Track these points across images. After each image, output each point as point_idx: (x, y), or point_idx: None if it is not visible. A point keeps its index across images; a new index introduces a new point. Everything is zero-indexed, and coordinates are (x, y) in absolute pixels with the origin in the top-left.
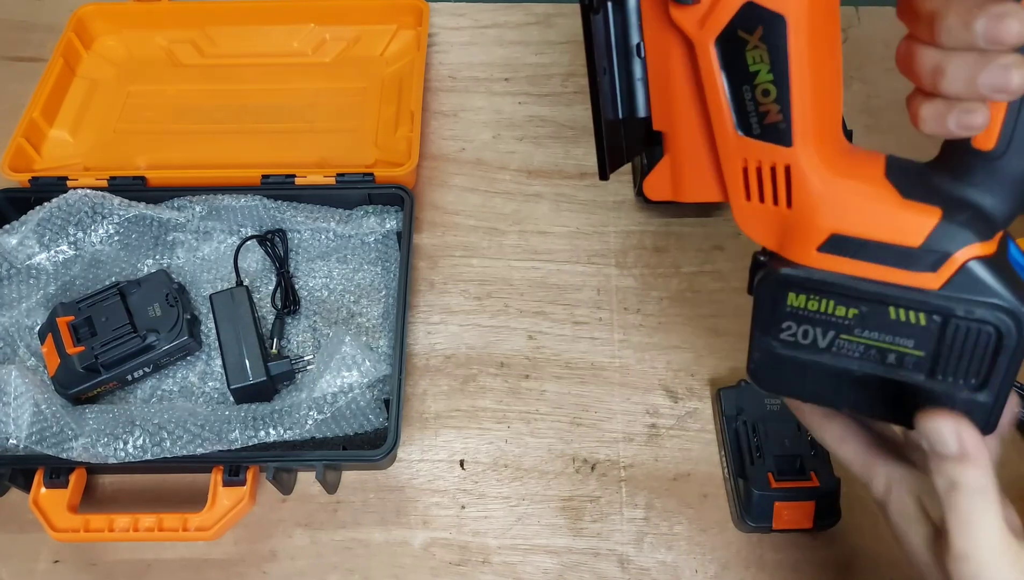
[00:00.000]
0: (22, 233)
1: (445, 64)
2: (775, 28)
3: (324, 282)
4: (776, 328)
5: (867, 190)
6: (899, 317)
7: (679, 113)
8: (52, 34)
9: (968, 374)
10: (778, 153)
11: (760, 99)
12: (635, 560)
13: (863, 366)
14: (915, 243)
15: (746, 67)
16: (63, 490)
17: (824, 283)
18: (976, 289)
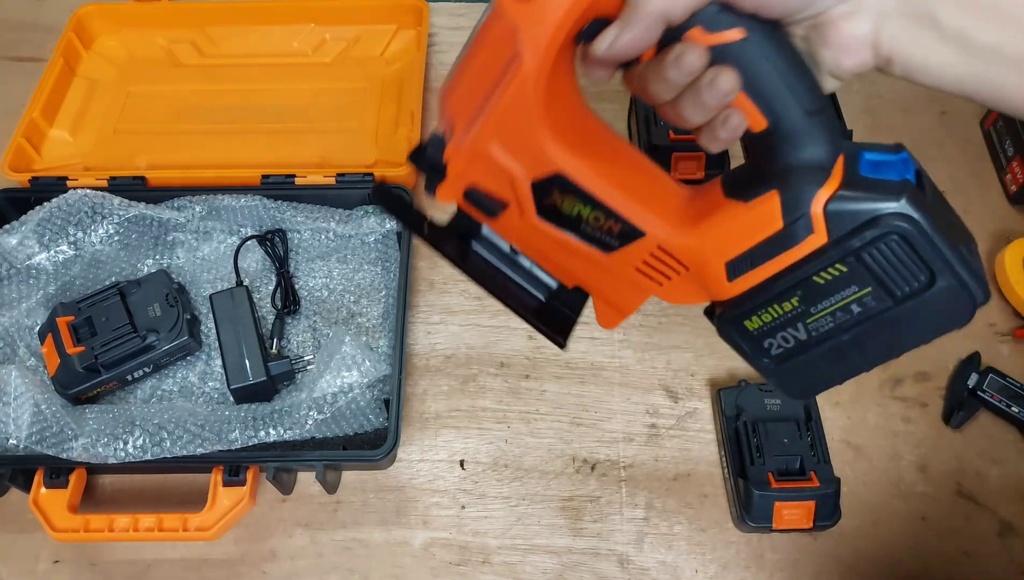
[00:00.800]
0: (22, 233)
1: (445, 64)
2: (563, 182)
3: (324, 282)
4: (763, 352)
5: (719, 218)
6: (826, 279)
7: (570, 268)
8: (52, 34)
9: (918, 277)
10: (643, 245)
11: (598, 225)
12: (635, 560)
13: (844, 329)
14: (779, 226)
15: (571, 216)
16: (63, 490)
17: (753, 299)
18: (853, 219)
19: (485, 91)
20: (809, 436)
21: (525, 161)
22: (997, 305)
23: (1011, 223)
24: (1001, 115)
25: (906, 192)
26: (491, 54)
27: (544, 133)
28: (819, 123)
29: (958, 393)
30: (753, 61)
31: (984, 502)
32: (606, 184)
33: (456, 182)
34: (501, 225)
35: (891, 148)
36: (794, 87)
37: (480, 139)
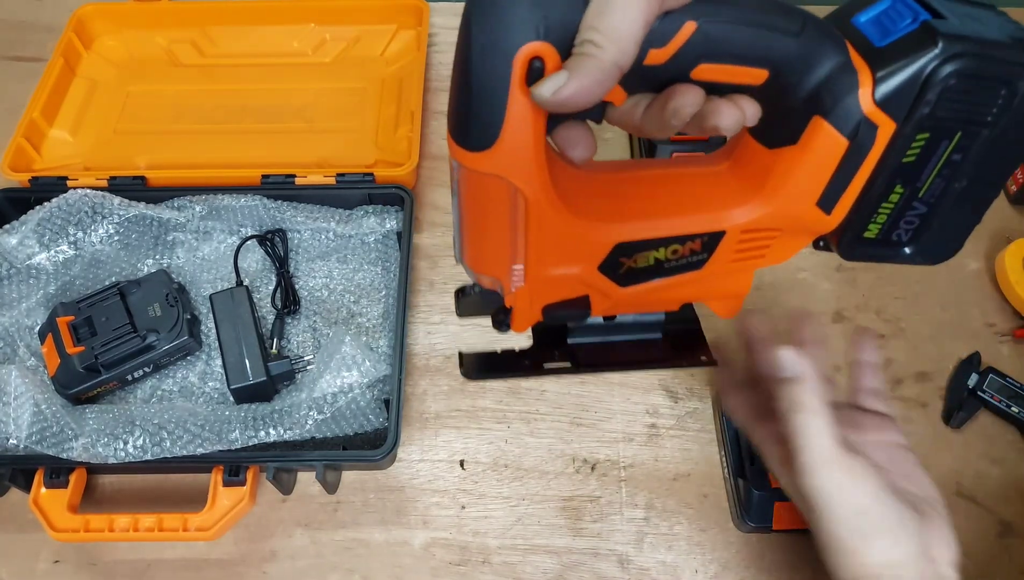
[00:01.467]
0: (22, 233)
1: (445, 64)
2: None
3: (324, 282)
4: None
5: (781, 172)
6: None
7: (671, 298)
8: (52, 34)
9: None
10: (729, 241)
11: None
12: (635, 560)
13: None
14: (845, 144)
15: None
16: (63, 490)
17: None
18: (908, 92)
19: (508, 236)
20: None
21: (581, 260)
22: (997, 305)
23: (1011, 223)
24: None
25: (933, 32)
26: (489, 208)
27: (581, 226)
28: (811, 36)
29: (958, 393)
30: (717, 38)
31: (984, 502)
32: (659, 220)
33: (528, 312)
34: (592, 311)
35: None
36: (771, 22)
37: (532, 274)
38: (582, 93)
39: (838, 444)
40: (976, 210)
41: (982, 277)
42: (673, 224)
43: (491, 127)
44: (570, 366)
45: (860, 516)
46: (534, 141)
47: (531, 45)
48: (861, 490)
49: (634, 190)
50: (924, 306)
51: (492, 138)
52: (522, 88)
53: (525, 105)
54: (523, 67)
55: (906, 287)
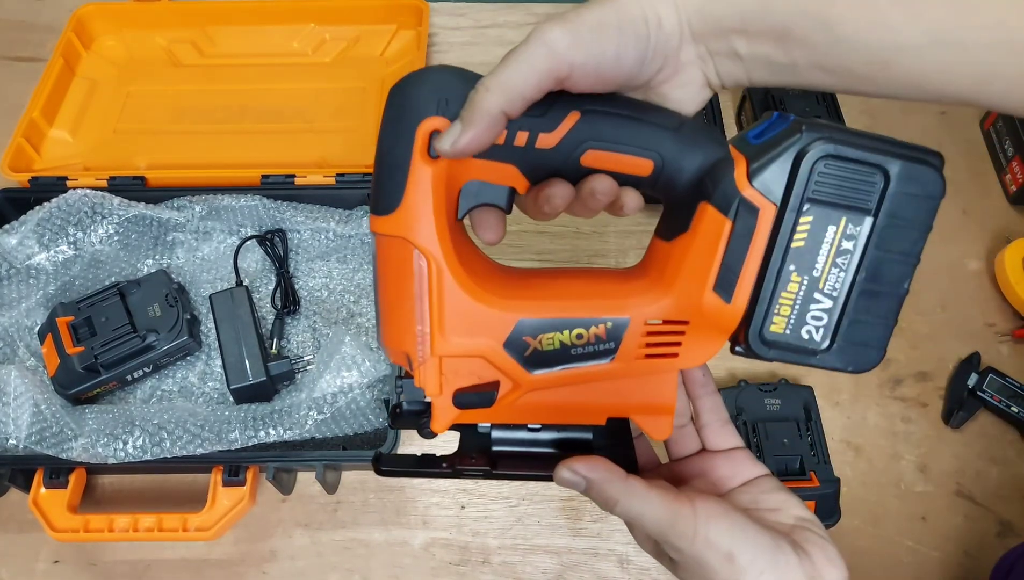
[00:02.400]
0: (22, 233)
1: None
2: (529, 326)
3: (324, 282)
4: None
5: (676, 259)
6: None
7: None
8: (52, 34)
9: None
10: (635, 331)
11: (582, 341)
12: (635, 560)
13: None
14: (729, 224)
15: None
16: (63, 490)
17: (760, 301)
18: (781, 174)
19: (412, 305)
20: (809, 436)
21: (485, 334)
22: (997, 305)
23: (1011, 223)
24: (1001, 115)
25: (802, 125)
26: (396, 274)
27: (485, 298)
28: (691, 129)
29: (958, 393)
30: (603, 126)
31: (984, 502)
32: (561, 301)
33: (442, 401)
34: (505, 409)
35: (761, 119)
36: (650, 119)
37: (438, 342)
38: (475, 140)
39: (671, 500)
40: (888, 312)
41: (982, 277)
42: (575, 306)
43: (396, 191)
44: (487, 471)
45: (730, 563)
46: (435, 204)
47: (431, 120)
48: (718, 533)
49: (541, 276)
50: (924, 306)
51: (396, 201)
52: (423, 156)
53: (426, 172)
54: (424, 139)
55: None
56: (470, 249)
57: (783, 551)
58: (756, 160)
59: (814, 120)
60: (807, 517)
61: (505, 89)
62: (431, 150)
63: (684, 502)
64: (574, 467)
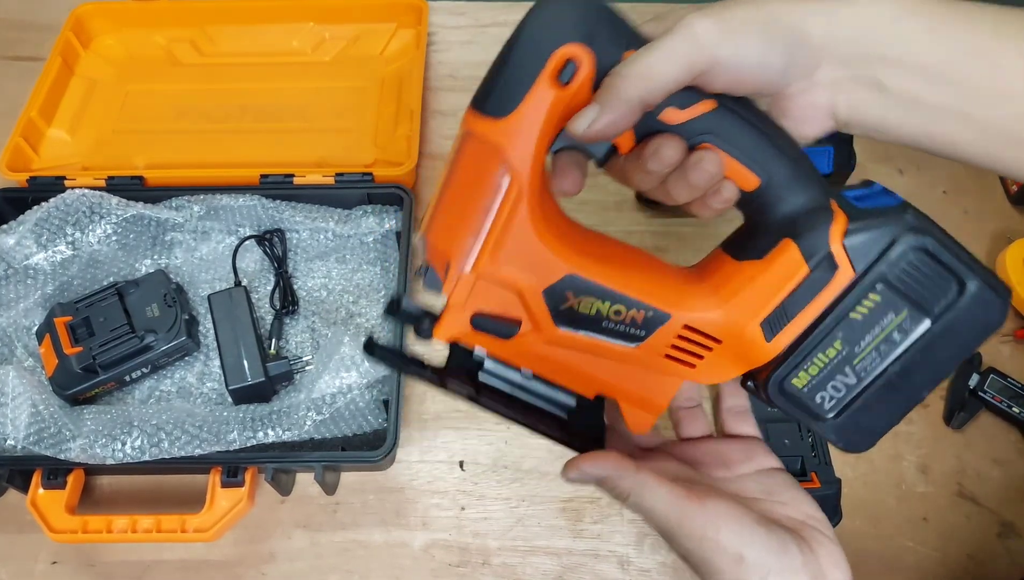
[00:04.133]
0: (20, 233)
1: (445, 63)
2: (576, 282)
3: (323, 282)
4: (818, 407)
5: (740, 280)
6: (862, 313)
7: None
8: (50, 33)
9: (947, 287)
10: (670, 329)
11: (619, 318)
12: (635, 561)
13: (892, 362)
14: (806, 272)
15: (590, 315)
16: (61, 491)
17: (796, 353)
18: (873, 246)
19: (478, 215)
20: (810, 437)
21: (533, 273)
22: None
23: (1012, 223)
24: None
25: (909, 210)
26: (474, 179)
27: (548, 240)
28: (807, 166)
29: (959, 394)
30: (731, 126)
31: (985, 503)
32: (618, 275)
33: (459, 315)
34: (513, 348)
35: (863, 184)
36: (775, 139)
37: (485, 262)
38: (611, 126)
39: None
40: (898, 410)
41: None
42: (628, 283)
43: (510, 100)
44: (471, 394)
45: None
46: (542, 130)
47: (572, 47)
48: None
49: (607, 242)
50: None
51: (508, 109)
52: (551, 80)
53: (547, 95)
54: (559, 62)
55: None
56: (547, 187)
57: (789, 552)
58: (856, 222)
59: (918, 210)
60: (817, 516)
61: (646, 78)
62: (561, 76)
63: (694, 501)
64: (582, 468)
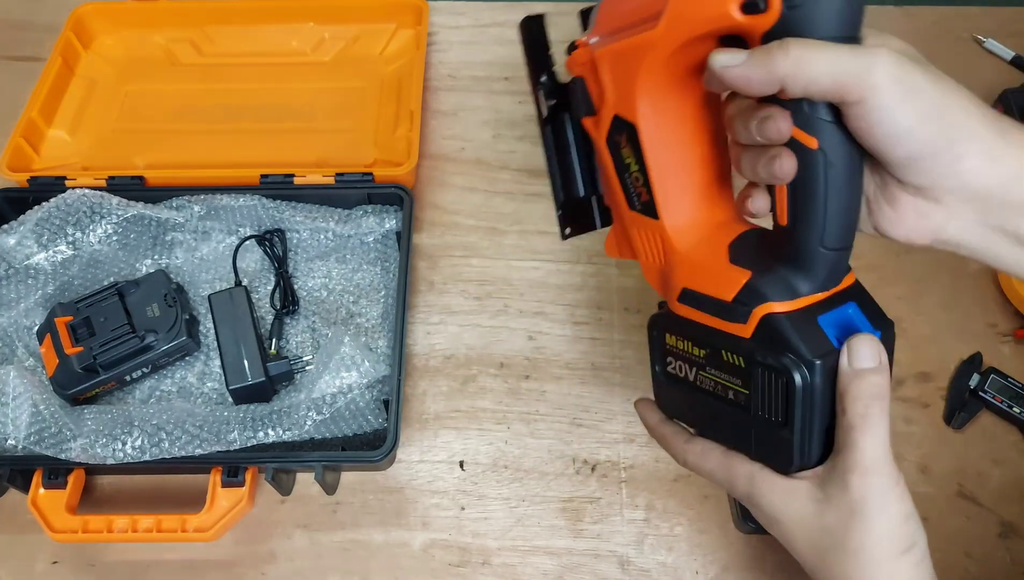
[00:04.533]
0: (20, 233)
1: (445, 63)
2: (632, 133)
3: (323, 282)
4: (662, 361)
5: (706, 253)
6: (728, 360)
7: (609, 195)
8: (51, 33)
9: (774, 412)
10: (652, 225)
11: (634, 184)
12: (635, 561)
13: (715, 398)
14: (728, 297)
15: (623, 160)
16: (61, 491)
17: (682, 326)
18: (776, 344)
19: (626, 23)
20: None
21: (619, 96)
22: (998, 305)
23: None
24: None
25: (824, 357)
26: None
27: (642, 88)
28: (826, 259)
29: (959, 394)
30: (814, 173)
31: (985, 503)
32: (662, 161)
33: (575, 65)
34: (583, 123)
35: (874, 316)
36: (832, 217)
37: (600, 54)
38: (744, 83)
39: (890, 452)
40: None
41: (983, 277)
42: (660, 173)
43: None
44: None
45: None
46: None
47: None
48: (902, 504)
49: (692, 137)
50: (925, 306)
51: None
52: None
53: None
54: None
55: (907, 287)
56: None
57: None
58: (790, 321)
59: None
60: None
61: (800, 68)
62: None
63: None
64: (638, 407)
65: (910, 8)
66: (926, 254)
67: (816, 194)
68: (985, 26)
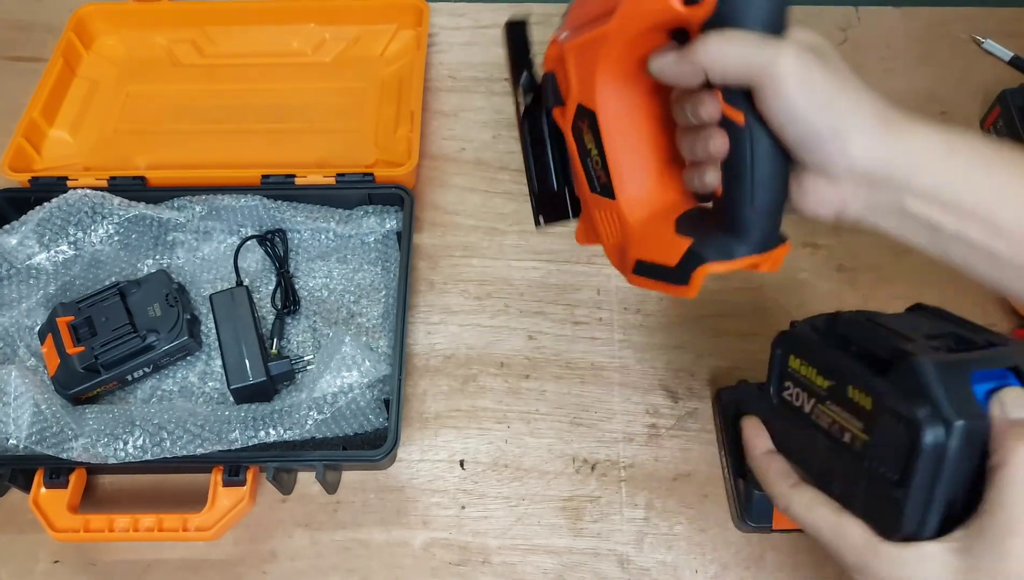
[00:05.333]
0: (22, 233)
1: (445, 64)
2: (592, 120)
3: (324, 282)
4: (780, 384)
5: (654, 227)
6: (853, 396)
7: (576, 183)
8: (52, 34)
9: (892, 468)
10: (609, 205)
11: (595, 167)
12: (635, 560)
13: (829, 439)
14: (672, 263)
15: (585, 145)
16: (63, 490)
17: (809, 351)
18: (917, 387)
19: (588, 19)
20: None
21: (582, 86)
22: (997, 305)
23: None
24: (1002, 116)
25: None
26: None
27: (601, 78)
28: (757, 222)
29: None
30: (741, 146)
31: None
32: (617, 144)
33: (548, 61)
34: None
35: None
36: (759, 183)
37: (567, 48)
38: (675, 79)
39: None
40: None
41: None
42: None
43: None
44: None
45: None
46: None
47: None
48: None
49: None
50: None
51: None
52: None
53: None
54: None
55: (907, 287)
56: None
57: None
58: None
59: None
60: None
61: (716, 58)
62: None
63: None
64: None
65: (909, 9)
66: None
67: (744, 163)
68: (984, 27)
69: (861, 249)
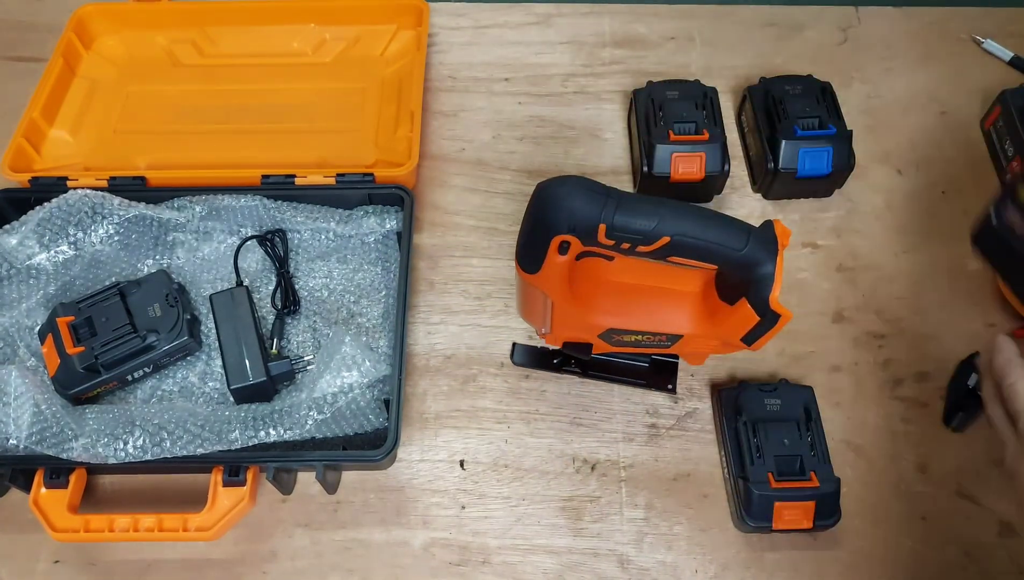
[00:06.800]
0: (22, 233)
1: (445, 64)
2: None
3: (324, 282)
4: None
5: (721, 317)
6: None
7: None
8: (52, 34)
9: None
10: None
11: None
12: (635, 560)
13: None
14: (757, 319)
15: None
16: (63, 490)
17: None
18: None
19: (542, 313)
20: (809, 436)
21: (585, 332)
22: (997, 305)
23: None
24: (1002, 116)
25: None
26: (533, 298)
27: (589, 317)
28: (751, 250)
29: (959, 394)
30: (686, 249)
31: (984, 502)
32: (639, 320)
33: (555, 341)
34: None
35: None
36: (722, 246)
37: (555, 330)
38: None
39: None
40: None
41: (982, 277)
42: (649, 323)
43: (535, 264)
44: (582, 369)
45: None
46: (559, 277)
47: (562, 236)
48: None
49: (629, 296)
50: (924, 306)
51: (536, 269)
52: (555, 252)
53: (555, 261)
54: (556, 244)
55: (906, 287)
56: (586, 277)
57: None
58: None
59: None
60: None
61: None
62: (560, 250)
63: None
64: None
65: (909, 9)
66: (925, 254)
67: (696, 244)
68: (984, 27)
69: (861, 249)
